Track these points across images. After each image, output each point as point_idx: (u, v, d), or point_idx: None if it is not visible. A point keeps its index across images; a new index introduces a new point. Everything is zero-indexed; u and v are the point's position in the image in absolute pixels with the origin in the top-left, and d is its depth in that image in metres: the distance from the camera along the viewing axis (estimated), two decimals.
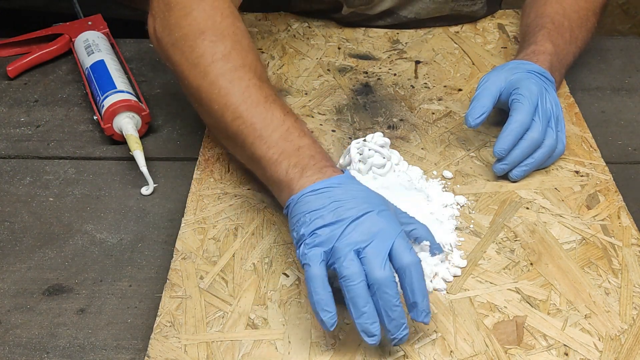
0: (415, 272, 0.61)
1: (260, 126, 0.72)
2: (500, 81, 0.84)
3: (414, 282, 0.61)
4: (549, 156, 0.82)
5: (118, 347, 0.67)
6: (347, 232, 0.63)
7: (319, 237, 0.63)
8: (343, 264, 0.61)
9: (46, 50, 1.07)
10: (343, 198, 0.65)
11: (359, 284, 0.60)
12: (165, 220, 0.81)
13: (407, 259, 0.61)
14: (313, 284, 0.61)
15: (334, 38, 1.10)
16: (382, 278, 0.60)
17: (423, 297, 0.61)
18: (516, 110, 0.80)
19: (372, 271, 0.61)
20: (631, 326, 0.66)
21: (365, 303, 0.60)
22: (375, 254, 0.61)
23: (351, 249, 0.62)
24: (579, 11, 0.95)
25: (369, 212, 0.64)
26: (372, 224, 0.63)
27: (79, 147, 0.92)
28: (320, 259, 0.62)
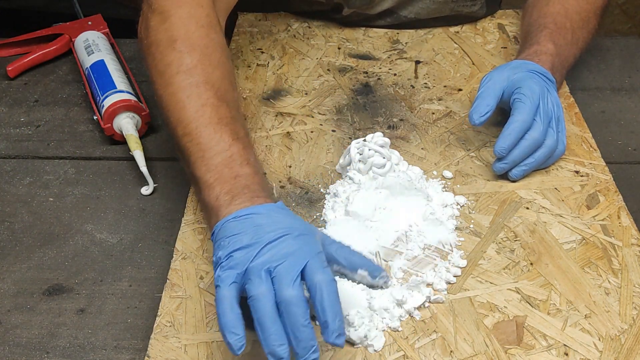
0: (326, 290, 0.58)
1: (205, 147, 0.70)
2: (503, 80, 0.84)
3: (324, 300, 0.58)
4: (549, 156, 0.82)
5: (118, 347, 0.67)
6: (261, 254, 0.60)
7: (234, 260, 0.61)
8: (252, 284, 0.59)
9: (46, 50, 1.07)
10: (264, 223, 0.63)
11: (267, 303, 0.58)
12: (165, 220, 0.81)
13: (319, 277, 0.59)
14: (221, 305, 0.58)
15: (334, 38, 1.10)
16: (289, 296, 0.58)
17: (335, 316, 0.58)
18: (518, 110, 0.80)
19: (280, 289, 0.58)
20: (631, 326, 0.66)
21: (272, 323, 0.57)
22: (286, 273, 0.59)
23: (262, 268, 0.59)
24: (581, 12, 0.95)
25: (287, 234, 0.61)
26: (288, 246, 0.61)
27: (79, 147, 0.92)
28: (231, 280, 0.59)
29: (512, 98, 0.82)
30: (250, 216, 0.64)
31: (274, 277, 0.59)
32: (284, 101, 0.96)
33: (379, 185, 0.77)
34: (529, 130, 0.80)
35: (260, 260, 0.60)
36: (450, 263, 0.71)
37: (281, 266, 0.59)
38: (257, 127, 0.92)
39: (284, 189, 0.82)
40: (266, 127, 0.92)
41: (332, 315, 0.58)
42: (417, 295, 0.68)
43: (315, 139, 0.90)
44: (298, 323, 0.57)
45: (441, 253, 0.73)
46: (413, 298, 0.67)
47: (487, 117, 0.81)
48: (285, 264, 0.60)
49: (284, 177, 0.84)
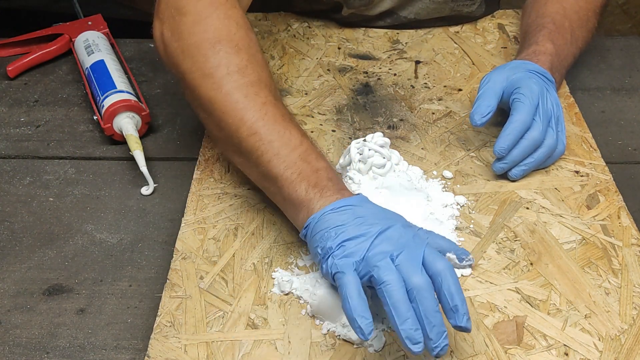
0: (451, 277, 0.60)
1: (278, 144, 0.70)
2: (502, 80, 0.84)
3: (451, 286, 0.60)
4: (548, 156, 0.82)
5: (118, 347, 0.67)
6: (376, 243, 0.62)
7: (348, 249, 0.62)
8: (381, 270, 0.60)
9: (46, 50, 1.07)
10: (365, 214, 0.65)
11: (401, 289, 0.59)
12: (165, 220, 0.81)
13: (441, 265, 0.61)
14: (348, 290, 0.60)
15: (334, 38, 1.10)
16: (421, 283, 0.59)
17: (462, 300, 0.60)
18: (517, 110, 0.80)
19: (409, 277, 0.60)
20: (631, 326, 0.66)
21: (408, 309, 0.59)
22: (410, 261, 0.61)
23: (386, 256, 0.61)
24: (579, 11, 0.95)
25: (393, 225, 0.64)
26: (400, 236, 0.63)
27: (79, 147, 0.92)
28: (353, 267, 0.61)
29: (511, 98, 0.82)
30: (348, 207, 0.65)
31: (397, 266, 0.60)
32: (284, 101, 0.96)
33: (379, 185, 0.77)
34: (529, 130, 0.80)
35: (379, 249, 0.62)
36: None
37: (402, 255, 0.61)
38: None
39: None
40: None
41: (460, 299, 0.60)
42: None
43: (315, 139, 0.90)
44: (431, 308, 0.59)
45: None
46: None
47: (488, 118, 0.81)
48: (405, 253, 0.61)
49: None
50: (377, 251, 0.62)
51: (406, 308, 0.59)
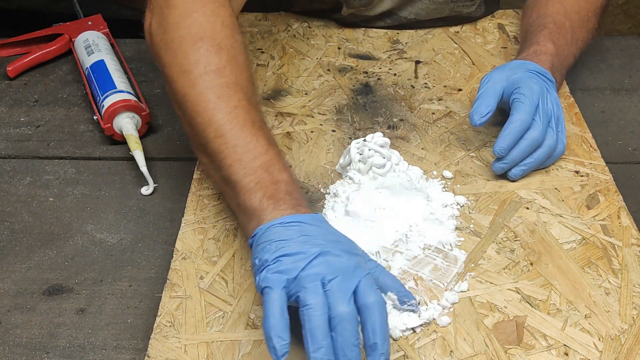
0: (378, 312, 0.58)
1: (242, 150, 0.68)
2: (502, 80, 0.84)
3: (376, 322, 0.57)
4: (548, 156, 0.82)
5: (118, 347, 0.67)
6: (313, 264, 0.59)
7: (283, 265, 0.60)
8: (307, 293, 0.58)
9: (46, 50, 1.07)
10: (313, 234, 0.62)
11: (322, 315, 0.57)
12: (165, 220, 0.81)
13: (373, 298, 0.58)
14: (271, 308, 0.57)
15: (334, 38, 1.10)
16: (345, 313, 0.57)
17: (384, 339, 0.57)
18: (517, 110, 0.80)
19: (335, 305, 0.57)
20: (631, 326, 0.66)
21: (325, 337, 0.56)
22: (341, 288, 0.58)
23: (317, 279, 0.59)
24: (580, 12, 0.95)
25: (338, 249, 0.61)
26: (340, 261, 0.60)
27: (79, 147, 0.92)
28: (282, 285, 0.59)
29: (511, 98, 0.82)
30: (297, 224, 0.63)
31: (327, 291, 0.58)
32: (284, 101, 0.96)
33: (379, 185, 0.77)
34: (529, 130, 0.80)
35: (314, 270, 0.59)
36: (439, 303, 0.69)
37: (335, 281, 0.59)
38: None
39: None
40: None
41: (382, 338, 0.57)
42: (425, 314, 0.67)
43: (315, 139, 0.90)
44: (349, 342, 0.57)
45: (441, 253, 0.73)
46: (419, 319, 0.67)
47: (488, 118, 0.82)
48: (339, 279, 0.59)
49: None
50: (311, 272, 0.59)
51: (322, 336, 0.56)
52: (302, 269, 0.59)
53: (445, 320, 0.66)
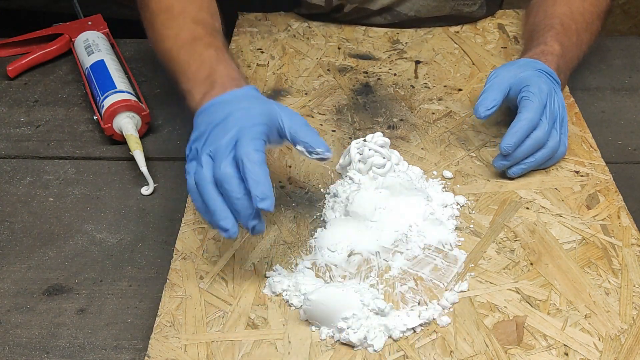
0: (247, 161, 0.63)
1: (183, 63, 0.79)
2: (510, 77, 0.83)
3: (246, 171, 0.63)
4: (549, 157, 0.82)
5: (118, 347, 0.67)
6: (207, 139, 0.67)
7: (192, 152, 0.68)
8: (197, 170, 0.65)
9: (46, 50, 1.07)
10: (219, 109, 0.69)
11: (207, 185, 0.64)
12: (165, 220, 0.81)
13: (241, 150, 0.64)
14: (191, 194, 0.66)
15: (334, 38, 1.10)
16: (221, 175, 0.64)
17: (256, 184, 0.63)
18: (526, 108, 0.80)
19: (215, 170, 0.64)
20: (631, 326, 0.66)
21: (214, 201, 0.64)
22: (219, 153, 0.65)
23: (204, 152, 0.66)
24: (585, 14, 0.95)
25: (230, 114, 0.67)
26: (227, 126, 0.66)
27: (79, 147, 0.92)
28: (193, 171, 0.66)
29: (520, 96, 0.81)
30: (212, 105, 0.70)
31: (213, 159, 0.66)
32: (284, 101, 0.96)
33: (379, 185, 0.77)
34: (535, 129, 0.79)
35: (204, 145, 0.66)
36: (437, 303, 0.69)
37: (217, 146, 0.65)
38: None
39: (284, 189, 0.82)
40: None
41: (254, 183, 0.63)
42: (425, 314, 0.67)
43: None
44: (232, 197, 0.63)
45: (441, 253, 0.73)
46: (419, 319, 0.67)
47: (493, 111, 0.81)
48: (221, 144, 0.65)
49: (284, 177, 0.83)
50: (203, 148, 0.66)
51: (212, 202, 0.64)
52: (201, 148, 0.67)
53: (445, 320, 0.66)
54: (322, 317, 0.65)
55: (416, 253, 0.73)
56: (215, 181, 0.65)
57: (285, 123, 0.70)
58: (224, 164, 0.64)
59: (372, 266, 0.72)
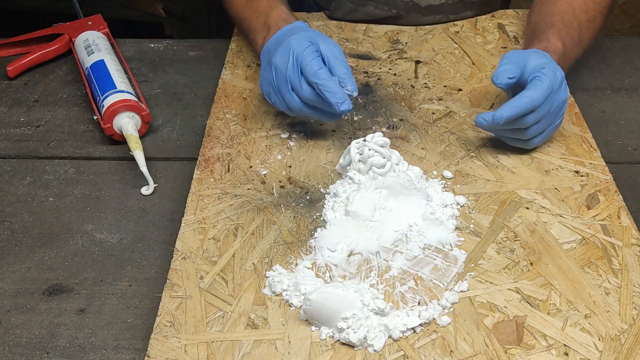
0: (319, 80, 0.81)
1: (248, 20, 0.98)
2: (527, 57, 0.83)
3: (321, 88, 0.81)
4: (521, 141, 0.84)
5: (118, 347, 0.67)
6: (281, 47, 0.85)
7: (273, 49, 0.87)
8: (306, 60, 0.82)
9: (46, 50, 1.07)
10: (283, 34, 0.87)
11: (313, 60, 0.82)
12: (165, 220, 0.81)
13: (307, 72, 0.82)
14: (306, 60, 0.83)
15: (334, 38, 1.10)
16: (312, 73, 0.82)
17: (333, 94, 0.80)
18: (534, 87, 0.79)
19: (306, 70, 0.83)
20: (631, 326, 0.66)
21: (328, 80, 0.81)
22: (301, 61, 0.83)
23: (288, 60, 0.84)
24: (588, 12, 0.95)
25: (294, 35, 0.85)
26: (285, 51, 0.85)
27: (79, 147, 0.92)
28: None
29: (532, 75, 0.81)
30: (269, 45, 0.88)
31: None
32: None
33: (379, 185, 0.77)
34: (531, 113, 0.79)
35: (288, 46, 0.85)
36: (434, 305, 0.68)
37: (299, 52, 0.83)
38: (257, 127, 0.92)
39: (284, 189, 0.82)
40: (266, 127, 0.92)
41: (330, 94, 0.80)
42: (425, 314, 0.67)
43: (315, 139, 0.90)
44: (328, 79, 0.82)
45: (441, 253, 0.73)
46: (419, 319, 0.67)
47: (512, 82, 0.80)
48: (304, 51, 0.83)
49: (284, 177, 0.84)
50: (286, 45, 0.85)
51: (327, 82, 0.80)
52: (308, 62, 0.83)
53: (445, 320, 0.66)
54: (322, 317, 0.65)
55: (416, 253, 0.73)
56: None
57: (324, 52, 0.83)
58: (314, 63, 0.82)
59: (372, 266, 0.72)
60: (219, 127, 0.91)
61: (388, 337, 0.65)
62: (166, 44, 1.14)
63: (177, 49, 1.12)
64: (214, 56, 1.09)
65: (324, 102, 0.81)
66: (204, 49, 1.12)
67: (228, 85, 1.00)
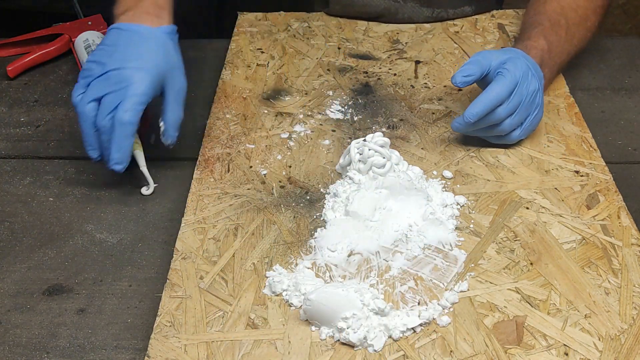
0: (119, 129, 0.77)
1: None
2: (492, 57, 0.84)
3: (115, 137, 0.77)
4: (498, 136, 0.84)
5: (118, 347, 0.67)
6: (102, 77, 0.78)
7: (86, 70, 0.79)
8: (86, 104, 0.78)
9: (46, 50, 1.07)
10: (123, 44, 0.80)
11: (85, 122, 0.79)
12: (165, 220, 0.81)
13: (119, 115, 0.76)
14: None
15: (334, 38, 1.10)
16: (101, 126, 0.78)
17: (118, 150, 0.78)
18: (497, 82, 0.81)
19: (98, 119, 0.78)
20: (631, 326, 0.66)
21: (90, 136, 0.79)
22: (106, 105, 0.77)
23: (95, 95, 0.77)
24: (578, 9, 0.95)
25: (126, 66, 0.77)
26: (121, 77, 0.77)
27: (79, 147, 0.92)
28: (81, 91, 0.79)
29: (496, 71, 0.83)
30: (120, 30, 0.81)
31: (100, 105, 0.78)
32: (284, 101, 0.96)
33: (379, 185, 0.77)
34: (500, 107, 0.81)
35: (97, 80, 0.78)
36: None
37: (106, 97, 0.77)
38: (257, 127, 0.92)
39: (284, 189, 0.82)
40: (266, 127, 0.92)
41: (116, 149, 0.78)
42: (425, 314, 0.67)
43: (315, 139, 0.90)
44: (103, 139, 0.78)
45: (441, 253, 0.73)
46: (419, 319, 0.67)
47: (470, 81, 0.82)
48: (108, 98, 0.77)
49: (284, 177, 0.84)
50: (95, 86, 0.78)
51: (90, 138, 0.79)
52: (95, 77, 0.78)
53: (445, 320, 0.66)
54: (322, 317, 0.65)
55: (416, 253, 0.73)
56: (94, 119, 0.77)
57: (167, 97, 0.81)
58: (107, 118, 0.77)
59: (372, 266, 0.72)
60: (219, 127, 0.92)
61: (388, 337, 0.65)
62: None
63: None
64: (214, 56, 1.09)
65: None
66: (204, 49, 1.12)
67: (228, 85, 1.00)
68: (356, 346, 0.64)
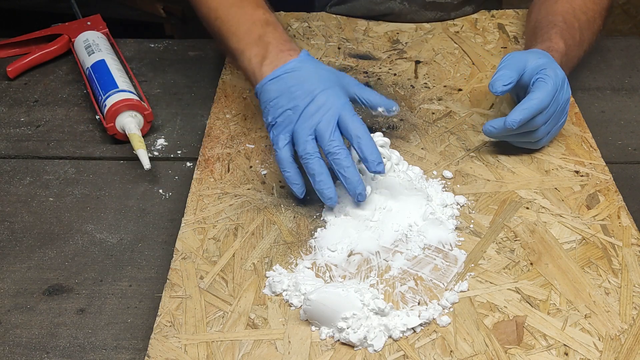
0: (361, 134, 0.74)
1: (232, 23, 0.85)
2: (526, 60, 0.83)
3: (361, 144, 0.74)
4: (530, 142, 0.84)
5: (118, 347, 0.67)
6: (303, 116, 0.75)
7: (280, 125, 0.77)
8: (300, 147, 0.75)
9: (46, 50, 1.07)
10: (294, 84, 0.77)
11: (314, 159, 0.74)
12: (165, 220, 0.81)
13: (352, 126, 0.74)
14: (282, 164, 0.76)
15: (334, 38, 1.10)
16: (332, 148, 0.74)
17: (372, 151, 0.73)
18: (539, 89, 0.80)
19: (323, 145, 0.74)
20: (631, 326, 0.66)
21: (320, 173, 0.74)
22: (324, 130, 0.74)
23: (306, 132, 0.75)
24: (587, 12, 0.95)
25: (317, 94, 0.76)
26: (320, 105, 0.76)
27: (79, 147, 0.92)
28: (285, 142, 0.76)
29: (535, 77, 0.81)
30: (282, 77, 0.78)
31: (317, 136, 0.75)
32: None
33: (379, 185, 0.77)
34: (540, 115, 0.80)
35: (302, 123, 0.75)
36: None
37: (320, 125, 0.75)
38: (257, 127, 0.92)
39: (284, 189, 0.82)
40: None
41: (369, 151, 0.74)
42: (425, 314, 0.67)
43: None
44: (342, 165, 0.74)
45: (441, 253, 0.73)
46: (419, 319, 0.67)
47: (509, 88, 0.80)
48: (322, 123, 0.75)
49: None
50: (301, 126, 0.75)
51: (319, 172, 0.74)
52: (295, 123, 0.76)
53: (445, 320, 0.66)
54: (322, 317, 0.65)
55: (416, 253, 0.73)
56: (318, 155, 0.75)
57: (361, 94, 0.81)
58: (335, 137, 0.74)
59: (372, 266, 0.72)
60: (219, 127, 0.92)
61: (388, 337, 0.65)
62: (166, 44, 1.14)
63: (177, 49, 1.12)
64: (214, 56, 1.09)
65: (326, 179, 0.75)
66: (204, 49, 1.12)
67: (228, 85, 1.00)
68: (356, 346, 0.64)
